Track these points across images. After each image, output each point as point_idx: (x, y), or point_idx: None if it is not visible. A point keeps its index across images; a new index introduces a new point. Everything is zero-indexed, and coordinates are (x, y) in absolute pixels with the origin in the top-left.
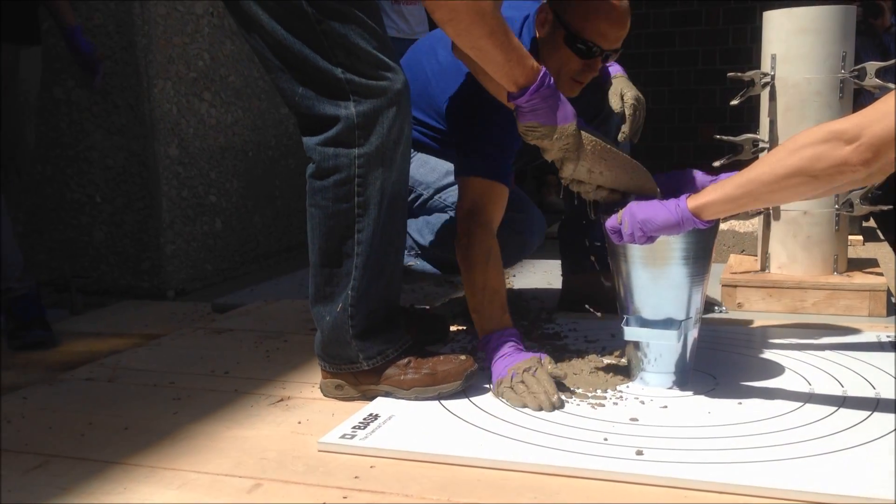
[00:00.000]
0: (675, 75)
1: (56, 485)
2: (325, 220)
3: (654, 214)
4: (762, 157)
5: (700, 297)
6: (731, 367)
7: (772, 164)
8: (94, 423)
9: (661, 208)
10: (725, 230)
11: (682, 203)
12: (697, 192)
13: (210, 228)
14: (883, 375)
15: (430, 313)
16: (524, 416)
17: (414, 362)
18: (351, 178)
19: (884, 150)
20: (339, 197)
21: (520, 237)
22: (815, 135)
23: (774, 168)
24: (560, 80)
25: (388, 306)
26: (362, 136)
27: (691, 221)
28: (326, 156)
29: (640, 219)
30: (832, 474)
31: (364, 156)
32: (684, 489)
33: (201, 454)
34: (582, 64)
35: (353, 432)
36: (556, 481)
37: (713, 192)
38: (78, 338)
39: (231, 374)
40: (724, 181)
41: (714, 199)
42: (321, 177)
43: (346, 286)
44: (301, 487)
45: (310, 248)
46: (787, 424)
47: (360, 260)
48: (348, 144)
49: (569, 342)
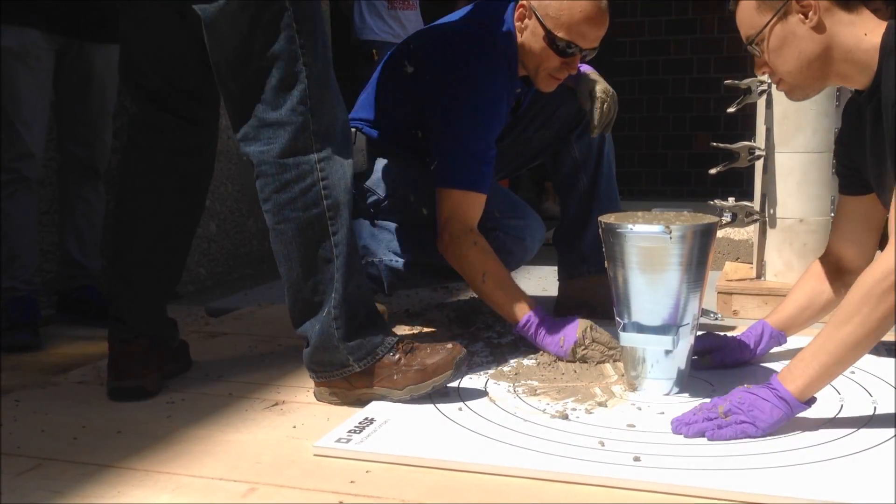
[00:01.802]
0: (669, 83)
1: (49, 488)
2: (300, 231)
3: (761, 411)
4: (836, 315)
5: (697, 303)
6: (727, 374)
7: (856, 324)
8: (88, 426)
9: (765, 404)
10: (721, 237)
11: (784, 392)
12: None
13: (204, 232)
14: (879, 382)
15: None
16: (520, 422)
17: (404, 359)
18: (316, 182)
19: None
20: (308, 204)
21: (521, 243)
22: (886, 279)
23: (858, 329)
24: (538, 77)
25: (366, 303)
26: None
27: (799, 407)
28: (286, 167)
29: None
30: (830, 481)
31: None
32: (681, 495)
33: (195, 458)
34: (560, 62)
35: (348, 436)
36: (553, 487)
37: (809, 370)
38: (71, 341)
39: (225, 378)
40: (809, 354)
41: (813, 377)
42: (283, 189)
43: (331, 291)
44: (296, 492)
45: (285, 268)
46: (783, 431)
47: (339, 261)
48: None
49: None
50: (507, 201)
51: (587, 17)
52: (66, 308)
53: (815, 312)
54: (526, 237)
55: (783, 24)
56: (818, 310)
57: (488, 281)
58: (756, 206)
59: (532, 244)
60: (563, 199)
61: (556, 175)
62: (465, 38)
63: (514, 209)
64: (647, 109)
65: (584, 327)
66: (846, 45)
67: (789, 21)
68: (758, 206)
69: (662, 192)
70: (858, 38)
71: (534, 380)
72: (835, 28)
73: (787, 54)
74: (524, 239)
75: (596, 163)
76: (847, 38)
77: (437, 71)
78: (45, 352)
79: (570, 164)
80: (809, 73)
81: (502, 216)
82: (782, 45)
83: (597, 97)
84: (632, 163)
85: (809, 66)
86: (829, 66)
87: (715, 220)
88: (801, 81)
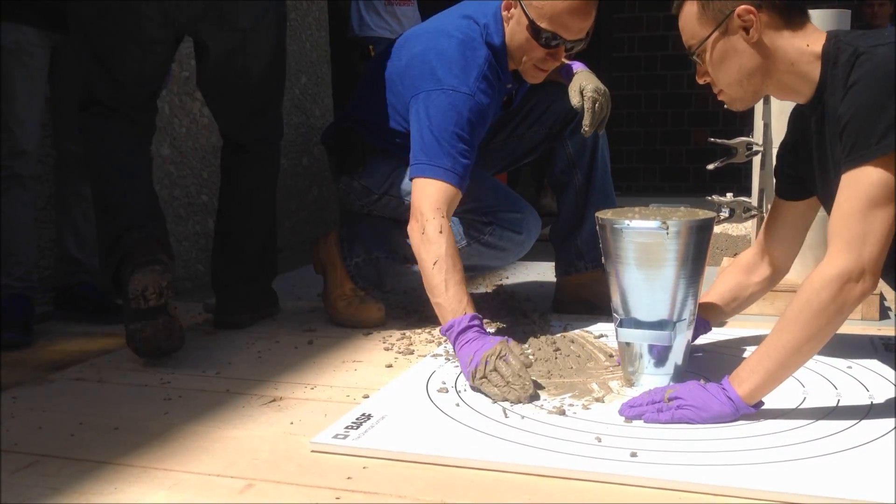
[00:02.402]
0: (667, 79)
1: (46, 485)
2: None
3: (706, 404)
4: (779, 322)
5: (694, 298)
6: (724, 370)
7: (796, 331)
8: (85, 422)
9: (713, 399)
10: (719, 233)
11: (732, 392)
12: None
13: (202, 228)
14: (876, 378)
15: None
16: (517, 418)
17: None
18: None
19: (880, 264)
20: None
21: (517, 237)
22: (825, 289)
23: (799, 335)
24: (524, 68)
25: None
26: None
27: (745, 409)
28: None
29: (691, 405)
30: (827, 476)
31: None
32: (678, 491)
33: (192, 454)
34: (545, 53)
35: (345, 432)
36: (550, 482)
37: (755, 375)
38: (68, 337)
39: (222, 374)
40: (755, 359)
41: (759, 382)
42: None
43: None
44: (293, 488)
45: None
46: (781, 427)
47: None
48: None
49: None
50: (503, 195)
51: (571, 8)
52: (63, 304)
53: (739, 304)
54: (522, 230)
55: (724, 39)
56: (742, 301)
57: (437, 271)
58: (754, 201)
59: (528, 238)
60: (559, 196)
61: (551, 172)
62: (452, 37)
63: (510, 203)
64: (645, 105)
65: (492, 353)
66: (788, 58)
67: (730, 35)
68: (755, 201)
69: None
70: (800, 51)
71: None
72: (776, 42)
73: (727, 68)
74: (520, 232)
75: (590, 159)
76: (789, 51)
77: (422, 68)
78: (41, 349)
79: (564, 160)
80: (750, 86)
81: (498, 210)
82: (723, 59)
83: (589, 96)
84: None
85: (750, 79)
86: (769, 78)
87: (712, 215)
88: (741, 94)
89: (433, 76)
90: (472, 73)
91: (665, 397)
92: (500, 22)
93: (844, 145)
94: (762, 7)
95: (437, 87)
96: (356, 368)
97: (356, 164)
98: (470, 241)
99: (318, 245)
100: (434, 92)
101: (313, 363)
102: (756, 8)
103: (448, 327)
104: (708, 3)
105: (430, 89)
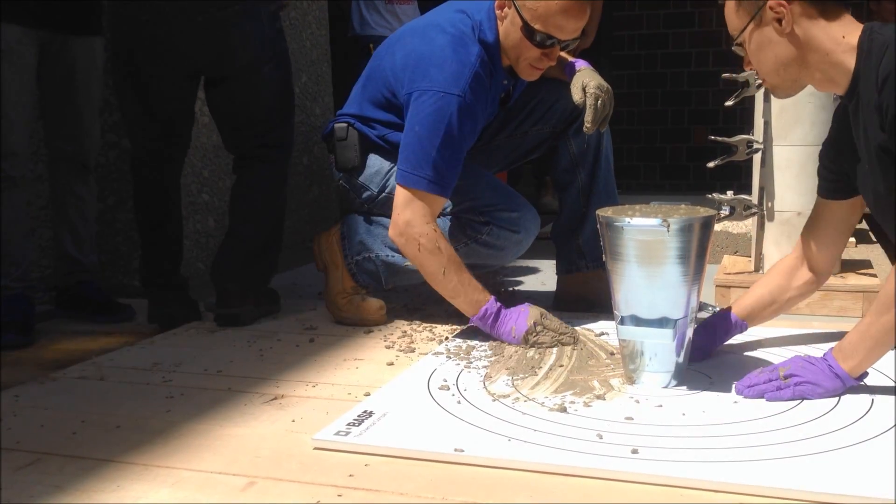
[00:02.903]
0: (668, 77)
1: (49, 483)
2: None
3: (820, 380)
4: (875, 305)
5: (695, 296)
6: (725, 367)
7: (891, 313)
8: (87, 421)
9: (824, 375)
10: (719, 231)
11: (838, 368)
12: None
13: (202, 227)
14: (877, 375)
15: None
16: (519, 415)
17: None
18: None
19: None
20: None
21: (514, 236)
22: None
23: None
24: (519, 66)
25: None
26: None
27: (852, 382)
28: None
29: (808, 380)
30: (828, 473)
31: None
32: (680, 488)
33: (194, 452)
34: (540, 53)
35: (347, 429)
36: (552, 480)
37: (857, 353)
38: (70, 336)
39: (224, 372)
40: (856, 337)
41: (861, 359)
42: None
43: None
44: (295, 485)
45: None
46: (782, 423)
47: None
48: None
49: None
50: (500, 193)
51: (564, 9)
52: (64, 303)
53: (778, 308)
54: (520, 229)
55: (759, 29)
56: (780, 306)
57: (448, 278)
58: (754, 199)
59: (525, 237)
60: (561, 195)
61: (555, 170)
62: (446, 33)
63: (507, 201)
64: (645, 103)
65: (534, 316)
66: (823, 48)
67: (764, 26)
68: (756, 199)
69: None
70: (836, 41)
71: (532, 373)
72: (810, 32)
73: (764, 57)
74: (517, 231)
75: (594, 158)
76: (824, 41)
77: (416, 65)
78: (43, 347)
79: (567, 159)
80: (787, 75)
81: (495, 209)
82: (759, 49)
83: (591, 93)
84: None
85: (786, 69)
86: (806, 68)
87: (712, 213)
88: (780, 83)
89: (426, 74)
90: (464, 72)
91: (780, 375)
92: (494, 19)
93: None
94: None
95: (429, 88)
96: (357, 366)
97: (355, 161)
98: (468, 240)
99: (319, 242)
100: (426, 93)
101: (315, 361)
102: (787, 0)
103: (482, 315)
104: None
105: (423, 89)
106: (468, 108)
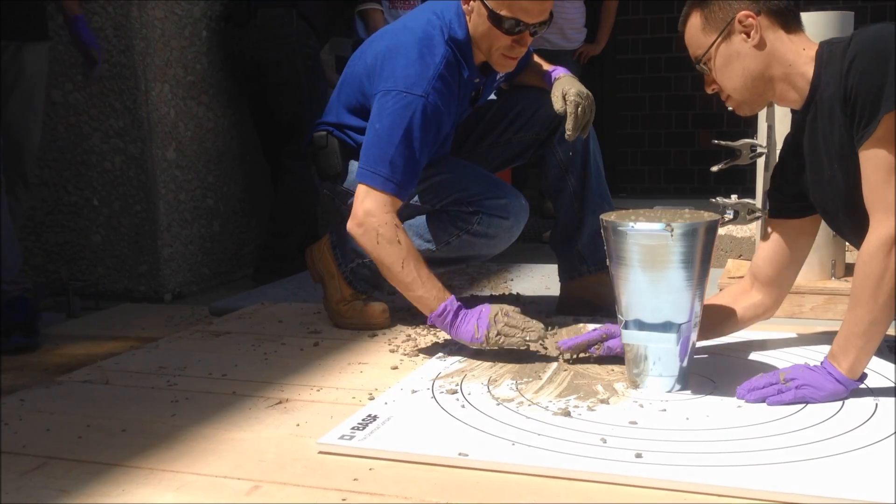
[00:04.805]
0: (672, 81)
1: (54, 487)
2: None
3: (821, 384)
4: (850, 302)
5: (699, 301)
6: (729, 371)
7: (867, 305)
8: (92, 425)
9: (824, 380)
10: (723, 235)
11: (837, 373)
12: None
13: (207, 231)
14: (880, 379)
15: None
16: (523, 419)
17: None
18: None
19: None
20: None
21: (504, 223)
22: (874, 258)
23: (871, 307)
24: (492, 58)
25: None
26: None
27: (853, 384)
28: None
29: (808, 384)
30: (831, 477)
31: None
32: (684, 492)
33: (199, 456)
34: (510, 40)
35: (351, 433)
36: (556, 483)
37: (849, 353)
38: (75, 341)
39: (229, 376)
40: (843, 339)
41: (854, 358)
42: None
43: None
44: (300, 489)
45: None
46: (785, 428)
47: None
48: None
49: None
50: (486, 181)
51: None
52: None
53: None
54: (510, 216)
55: (727, 44)
56: (730, 327)
57: (407, 271)
58: (758, 203)
59: (516, 223)
60: (555, 203)
61: (545, 180)
62: (414, 32)
63: (494, 189)
64: (649, 107)
65: (494, 312)
66: (787, 59)
67: (733, 40)
68: (760, 203)
69: (665, 190)
70: (797, 53)
71: (536, 377)
72: (775, 44)
73: (732, 72)
74: (507, 218)
75: (583, 163)
76: (787, 53)
77: (383, 66)
78: (48, 352)
79: (556, 167)
80: (754, 88)
81: (483, 198)
82: (727, 63)
83: (571, 100)
84: (634, 161)
85: (753, 81)
86: (770, 81)
87: (716, 217)
88: (747, 97)
89: (392, 74)
90: (428, 72)
91: (781, 379)
92: (463, 15)
93: (857, 120)
94: (761, 12)
95: (392, 88)
96: (362, 370)
97: (337, 167)
98: (459, 232)
99: (311, 254)
100: (389, 93)
101: (319, 365)
102: (755, 13)
103: (441, 311)
104: (710, 12)
105: (387, 89)
106: (431, 109)
